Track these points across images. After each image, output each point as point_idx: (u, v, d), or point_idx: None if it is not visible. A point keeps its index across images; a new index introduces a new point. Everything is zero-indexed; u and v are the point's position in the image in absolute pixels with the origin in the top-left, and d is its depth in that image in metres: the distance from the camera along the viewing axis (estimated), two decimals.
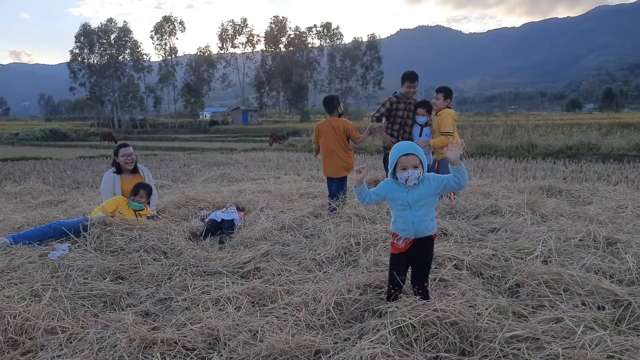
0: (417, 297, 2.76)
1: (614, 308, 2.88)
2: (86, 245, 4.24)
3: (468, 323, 2.48)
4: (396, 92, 6.56)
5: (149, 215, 5.10)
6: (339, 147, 5.78)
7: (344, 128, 5.78)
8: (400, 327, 2.50)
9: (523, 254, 3.84)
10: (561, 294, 3.06)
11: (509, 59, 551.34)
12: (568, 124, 25.54)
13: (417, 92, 6.40)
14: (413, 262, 2.94)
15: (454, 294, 2.99)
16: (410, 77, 6.27)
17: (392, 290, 2.92)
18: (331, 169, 5.85)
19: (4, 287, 3.35)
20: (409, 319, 2.50)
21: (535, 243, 4.00)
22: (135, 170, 5.67)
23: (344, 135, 5.79)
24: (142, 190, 5.09)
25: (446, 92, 6.28)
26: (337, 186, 5.87)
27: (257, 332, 2.68)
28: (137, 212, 5.02)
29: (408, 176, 2.77)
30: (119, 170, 5.57)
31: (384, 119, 6.38)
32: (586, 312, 2.79)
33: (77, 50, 70.98)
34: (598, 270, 3.47)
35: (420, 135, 6.76)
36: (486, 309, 2.73)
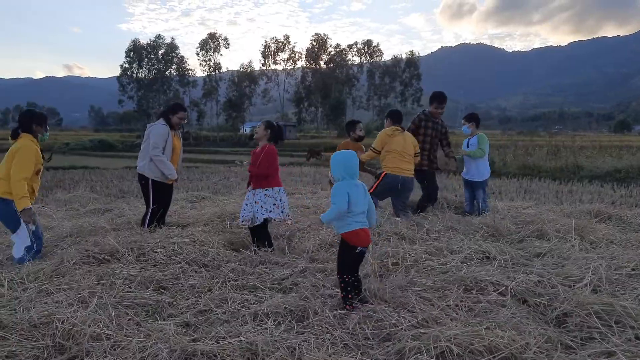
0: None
1: None
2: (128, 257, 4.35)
3: (515, 353, 2.39)
4: (425, 110, 6.49)
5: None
6: None
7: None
8: (442, 352, 2.43)
9: (571, 282, 3.68)
10: (612, 326, 2.91)
11: (554, 78, 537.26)
12: (616, 145, 24.52)
13: (443, 112, 6.58)
14: None
15: (498, 321, 2.89)
16: (439, 98, 6.40)
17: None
18: None
19: (53, 293, 3.47)
20: (454, 345, 2.43)
21: (584, 270, 3.82)
22: None
23: None
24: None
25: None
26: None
27: (295, 349, 2.67)
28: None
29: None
30: (170, 126, 5.55)
31: None
32: None
33: (127, 65, 74.23)
34: None
35: (467, 147, 6.74)
36: (534, 338, 2.62)
